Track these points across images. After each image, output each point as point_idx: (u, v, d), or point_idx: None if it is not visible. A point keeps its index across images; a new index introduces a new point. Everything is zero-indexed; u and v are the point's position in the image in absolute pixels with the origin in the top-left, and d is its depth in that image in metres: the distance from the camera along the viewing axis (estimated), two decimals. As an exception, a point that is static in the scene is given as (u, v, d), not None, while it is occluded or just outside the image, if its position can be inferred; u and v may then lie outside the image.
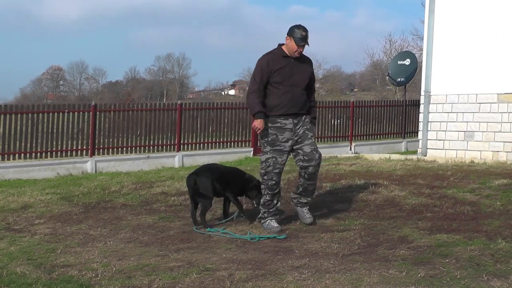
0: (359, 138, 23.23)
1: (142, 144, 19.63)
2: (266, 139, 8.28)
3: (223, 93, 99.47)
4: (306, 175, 8.32)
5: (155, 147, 19.78)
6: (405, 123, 24.00)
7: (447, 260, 6.45)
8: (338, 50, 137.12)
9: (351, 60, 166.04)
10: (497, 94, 14.71)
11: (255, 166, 15.20)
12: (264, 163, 8.29)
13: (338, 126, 22.97)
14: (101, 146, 18.83)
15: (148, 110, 20.19)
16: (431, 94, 16.05)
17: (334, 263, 6.47)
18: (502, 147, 14.64)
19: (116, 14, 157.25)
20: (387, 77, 27.09)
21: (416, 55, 27.23)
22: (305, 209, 8.51)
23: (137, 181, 12.95)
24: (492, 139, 14.78)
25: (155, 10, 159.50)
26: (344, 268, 6.26)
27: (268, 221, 8.32)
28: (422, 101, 16.43)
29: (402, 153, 18.96)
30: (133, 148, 19.47)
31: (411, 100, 25.18)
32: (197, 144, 20.32)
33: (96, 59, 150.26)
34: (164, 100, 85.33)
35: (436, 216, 8.62)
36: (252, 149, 20.49)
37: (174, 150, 19.83)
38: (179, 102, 21.21)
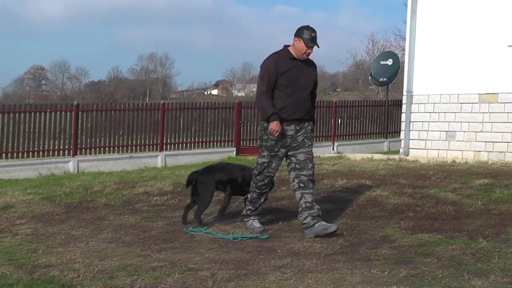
0: (341, 138, 23.28)
1: (125, 144, 19.58)
2: (265, 144, 8.07)
3: (206, 93, 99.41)
4: (301, 184, 7.99)
5: (138, 147, 19.74)
6: (387, 123, 24.07)
7: (428, 260, 6.47)
8: (321, 50, 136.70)
9: (334, 60, 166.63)
10: (479, 94, 14.79)
11: (238, 166, 15.18)
12: (259, 166, 8.16)
13: (321, 125, 22.98)
14: (84, 146, 18.77)
15: (130, 110, 20.14)
16: (413, 94, 16.11)
17: (316, 262, 6.48)
18: (483, 147, 14.72)
19: (99, 14, 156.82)
20: (369, 77, 27.18)
21: (398, 55, 27.32)
22: (321, 223, 7.81)
23: (119, 181, 12.91)
24: (473, 139, 14.85)
25: (138, 9, 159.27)
26: (327, 268, 6.27)
27: (251, 221, 8.28)
28: (404, 101, 16.49)
29: (384, 153, 19.02)
30: (116, 148, 19.42)
31: (393, 100, 25.26)
32: (180, 144, 20.29)
33: (79, 58, 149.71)
34: (147, 99, 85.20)
35: (418, 215, 8.66)
36: (235, 149, 20.49)
37: (156, 150, 19.80)
38: (161, 102, 21.19)
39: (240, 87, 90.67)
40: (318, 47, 8.10)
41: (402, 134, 16.65)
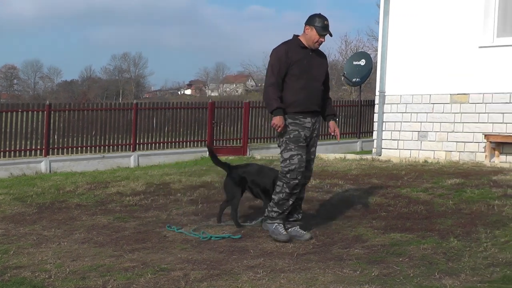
0: (315, 138, 23.32)
1: (98, 144, 19.47)
2: (288, 136, 7.54)
3: (179, 92, 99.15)
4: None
5: (111, 147, 19.64)
6: (360, 123, 24.16)
7: (400, 259, 6.52)
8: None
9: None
10: (450, 94, 14.89)
11: (211, 166, 15.17)
12: (288, 160, 7.51)
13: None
14: (56, 146, 18.64)
15: (103, 110, 20.04)
16: (385, 94, 16.19)
17: (289, 262, 6.50)
18: (455, 147, 14.83)
19: (72, 13, 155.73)
20: (342, 78, 27.28)
21: (371, 56, 27.45)
22: (298, 227, 7.81)
23: (92, 181, 12.85)
24: (445, 139, 14.95)
25: (112, 9, 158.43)
26: (299, 268, 6.30)
27: (276, 224, 7.64)
28: (377, 101, 16.55)
29: (357, 153, 19.09)
30: (88, 148, 19.31)
31: (366, 100, 25.36)
32: (153, 144, 20.23)
33: (51, 58, 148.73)
34: (120, 99, 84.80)
35: (390, 215, 8.71)
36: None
37: (129, 150, 19.71)
38: (135, 101, 21.13)
39: (213, 87, 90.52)
40: (331, 35, 7.76)
41: (375, 134, 16.71)
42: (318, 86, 7.72)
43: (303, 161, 7.54)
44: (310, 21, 7.63)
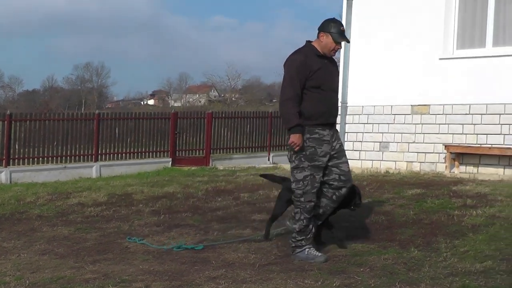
0: (277, 148, 23.37)
1: (59, 154, 19.36)
2: (304, 153, 6.99)
3: (142, 103, 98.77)
4: (335, 197, 7.29)
5: (73, 157, 19.53)
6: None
7: (361, 269, 6.55)
8: (258, 61, 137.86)
9: (271, 70, 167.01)
10: (411, 105, 15.01)
11: (174, 176, 15.18)
12: (302, 182, 7.04)
13: (256, 136, 23.03)
14: (17, 156, 18.49)
15: (65, 120, 19.93)
16: (348, 105, 16.28)
17: (250, 273, 6.50)
18: (416, 157, 14.94)
19: (33, 22, 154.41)
20: (305, 88, 27.31)
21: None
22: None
23: (53, 191, 12.75)
24: (406, 150, 15.07)
25: (74, 18, 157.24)
26: (261, 278, 6.30)
27: (307, 249, 7.14)
28: (339, 112, 16.65)
29: (319, 163, 19.13)
30: (50, 158, 19.18)
31: (328, 111, 25.42)
32: (115, 154, 20.16)
33: (12, 67, 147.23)
34: (82, 109, 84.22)
35: (352, 225, 8.75)
36: (170, 159, 20.41)
37: (91, 160, 19.62)
38: (97, 111, 21.05)
39: (176, 97, 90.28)
40: (348, 41, 7.48)
41: (337, 144, 16.78)
42: (336, 96, 7.37)
43: (315, 182, 7.06)
44: (325, 27, 7.17)
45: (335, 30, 7.10)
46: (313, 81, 6.98)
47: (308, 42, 7.24)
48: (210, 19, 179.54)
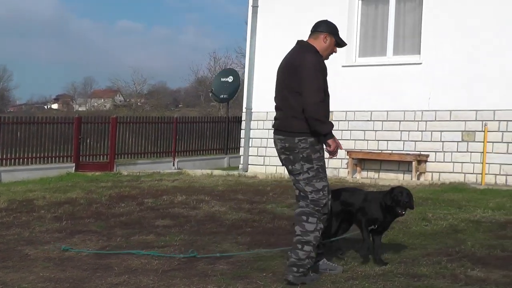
0: (182, 154, 23.32)
1: (-43, 159, 18.80)
2: (321, 164, 6.49)
3: (46, 107, 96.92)
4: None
5: (-29, 162, 18.99)
6: (227, 139, 24.32)
7: (264, 274, 6.60)
8: (164, 66, 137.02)
9: (176, 76, 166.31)
10: (315, 112, 15.24)
11: (77, 182, 14.97)
12: (321, 192, 6.41)
13: (161, 141, 22.93)
14: None
15: (-37, 124, 19.38)
16: (252, 111, 16.41)
17: (153, 279, 6.47)
18: (319, 163, 15.16)
19: None
20: (210, 94, 27.38)
21: (239, 73, 27.70)
22: (325, 259, 6.79)
23: (-50, 198, 12.39)
24: (310, 156, 15.28)
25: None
26: (164, 284, 6.28)
27: (324, 260, 6.73)
28: (244, 117, 16.75)
29: (224, 169, 19.23)
30: None
31: (234, 117, 25.55)
32: (17, 160, 19.69)
33: None
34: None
35: (255, 231, 8.82)
36: (74, 164, 20.08)
37: (-9, 165, 19.11)
38: (-3, 115, 20.51)
39: (81, 101, 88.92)
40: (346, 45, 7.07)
41: (242, 150, 16.90)
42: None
43: (329, 191, 6.58)
44: (331, 29, 6.78)
45: (338, 34, 6.85)
46: (325, 85, 6.61)
47: (304, 41, 6.75)
48: (116, 23, 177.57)
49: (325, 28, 6.76)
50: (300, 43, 6.76)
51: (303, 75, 6.41)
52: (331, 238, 7.12)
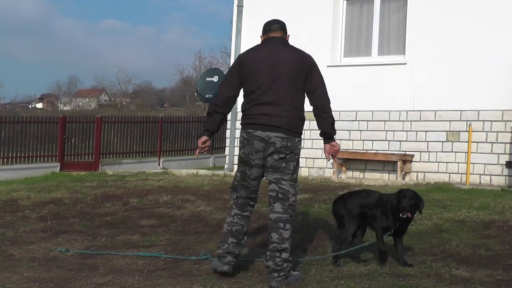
0: (168, 153, 23.31)
1: None
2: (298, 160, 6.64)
3: (30, 106, 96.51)
4: None
5: (-45, 162, 18.90)
6: (213, 139, 24.26)
7: (250, 274, 6.62)
8: (149, 65, 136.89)
9: (162, 75, 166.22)
10: (300, 112, 15.26)
11: (62, 181, 14.92)
12: (297, 196, 6.62)
13: (147, 141, 22.90)
14: None
15: None
16: (237, 110, 16.39)
17: (139, 279, 6.47)
18: (304, 162, 15.19)
19: None
20: (195, 94, 27.33)
21: (224, 72, 27.64)
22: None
23: None
24: (295, 155, 15.29)
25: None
26: (149, 284, 6.28)
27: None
28: (229, 117, 16.74)
29: (210, 169, 19.21)
30: None
31: (219, 116, 25.48)
32: (1, 159, 19.60)
33: None
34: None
35: (241, 230, 8.81)
36: (59, 164, 20.01)
37: (-25, 165, 19.03)
38: (-19, 115, 20.43)
39: (66, 101, 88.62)
40: None
41: (227, 150, 16.90)
42: None
43: None
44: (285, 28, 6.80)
45: None
46: None
47: (282, 38, 6.72)
48: (101, 22, 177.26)
49: (284, 26, 6.79)
50: (282, 40, 6.67)
51: (319, 77, 6.44)
52: (350, 244, 7.10)
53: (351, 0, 15.69)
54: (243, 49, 15.47)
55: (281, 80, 6.37)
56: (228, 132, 16.84)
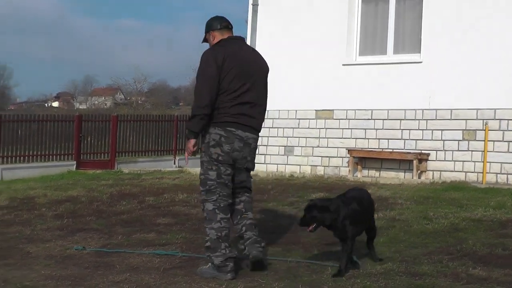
0: (183, 152, 23.32)
1: (-42, 157, 18.83)
2: None
3: (46, 105, 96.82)
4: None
5: (-28, 160, 19.02)
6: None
7: (266, 272, 6.61)
8: (164, 64, 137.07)
9: (177, 74, 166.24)
10: (315, 110, 15.24)
11: (78, 179, 14.98)
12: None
13: (162, 139, 22.95)
14: None
15: (-36, 122, 19.40)
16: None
17: (155, 277, 6.48)
18: (319, 161, 15.17)
19: None
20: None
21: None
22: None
23: (-49, 196, 12.40)
24: (310, 154, 15.28)
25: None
26: (165, 282, 6.29)
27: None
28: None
29: (225, 167, 19.17)
30: None
31: (235, 115, 25.50)
32: (18, 157, 19.71)
33: None
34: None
35: (257, 229, 8.80)
36: (75, 162, 20.11)
37: (-8, 163, 19.13)
38: (-2, 113, 20.54)
39: (81, 99, 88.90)
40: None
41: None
42: None
43: None
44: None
45: None
46: None
47: (243, 38, 7.01)
48: (117, 21, 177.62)
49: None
50: (244, 41, 6.95)
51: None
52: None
53: (367, -2, 15.67)
54: (258, 48, 15.51)
55: (259, 81, 6.70)
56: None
